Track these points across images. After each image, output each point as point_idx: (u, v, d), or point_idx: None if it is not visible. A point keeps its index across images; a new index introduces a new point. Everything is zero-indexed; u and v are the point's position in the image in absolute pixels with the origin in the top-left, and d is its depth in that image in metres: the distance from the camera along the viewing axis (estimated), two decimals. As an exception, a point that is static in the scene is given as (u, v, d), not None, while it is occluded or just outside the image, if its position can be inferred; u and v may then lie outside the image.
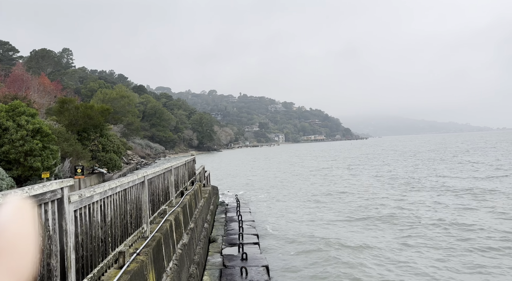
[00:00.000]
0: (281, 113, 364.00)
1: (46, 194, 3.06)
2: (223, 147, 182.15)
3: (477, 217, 17.14)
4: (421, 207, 20.19)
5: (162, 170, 8.59)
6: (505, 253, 12.08)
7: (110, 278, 4.54)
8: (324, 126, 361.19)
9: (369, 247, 13.36)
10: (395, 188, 28.03)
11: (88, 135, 26.13)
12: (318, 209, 21.32)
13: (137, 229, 6.23)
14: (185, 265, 8.65)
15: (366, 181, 33.27)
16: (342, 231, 15.89)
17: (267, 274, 10.56)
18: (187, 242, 9.50)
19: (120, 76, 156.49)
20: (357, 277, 10.85)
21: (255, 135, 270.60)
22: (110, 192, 4.75)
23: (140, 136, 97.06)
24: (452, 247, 13.03)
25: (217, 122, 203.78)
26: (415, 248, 13.03)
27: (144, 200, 6.64)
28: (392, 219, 17.49)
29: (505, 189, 24.65)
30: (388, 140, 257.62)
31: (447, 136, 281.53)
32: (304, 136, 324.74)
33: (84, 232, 3.95)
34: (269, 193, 29.16)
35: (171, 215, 8.55)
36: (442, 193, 24.59)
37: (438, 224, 16.13)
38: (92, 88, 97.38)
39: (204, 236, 13.31)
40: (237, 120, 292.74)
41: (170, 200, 9.69)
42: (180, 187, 11.84)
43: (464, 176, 33.06)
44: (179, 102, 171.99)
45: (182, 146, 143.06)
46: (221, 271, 10.88)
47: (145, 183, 6.71)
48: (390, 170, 42.12)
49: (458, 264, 11.36)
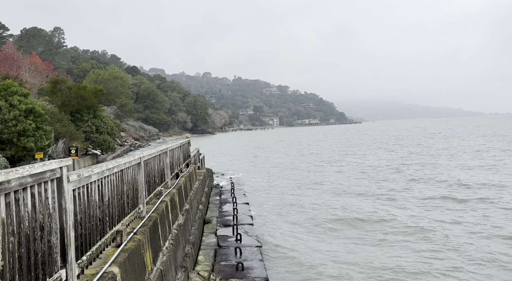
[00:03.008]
0: (276, 97, 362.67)
1: (46, 173, 3.10)
2: (217, 130, 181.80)
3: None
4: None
5: (157, 151, 8.63)
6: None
7: (108, 256, 4.64)
8: (318, 110, 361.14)
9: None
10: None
11: (82, 116, 25.92)
12: (312, 190, 21.64)
13: (134, 209, 6.31)
14: (181, 245, 8.81)
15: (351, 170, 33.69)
16: (323, 198, 16.21)
17: (260, 254, 10.80)
18: (183, 223, 9.64)
19: (112, 57, 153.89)
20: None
21: (250, 118, 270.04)
22: (107, 172, 4.79)
23: (134, 118, 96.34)
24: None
25: (211, 105, 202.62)
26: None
27: (140, 181, 6.70)
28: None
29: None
30: (381, 125, 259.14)
31: (438, 121, 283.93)
32: (299, 120, 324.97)
33: (83, 211, 4.01)
34: (263, 175, 29.41)
35: (166, 196, 8.65)
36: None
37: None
38: (85, 68, 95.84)
39: (199, 217, 13.49)
40: (232, 103, 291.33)
41: (165, 181, 9.77)
42: (175, 169, 11.92)
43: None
44: (173, 84, 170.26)
45: (176, 128, 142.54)
46: (215, 251, 11.10)
47: (141, 164, 6.76)
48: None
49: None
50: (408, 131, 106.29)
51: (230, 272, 9.50)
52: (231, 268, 9.71)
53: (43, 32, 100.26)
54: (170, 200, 8.78)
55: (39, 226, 3.04)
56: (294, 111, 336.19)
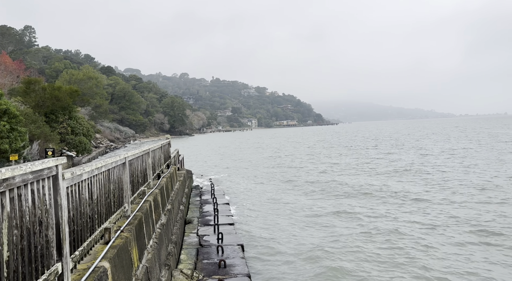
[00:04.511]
0: (254, 98, 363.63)
1: (44, 170, 3.26)
2: (195, 131, 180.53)
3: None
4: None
5: (141, 152, 8.75)
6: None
7: (97, 252, 4.79)
8: (296, 111, 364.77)
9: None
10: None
11: (56, 117, 25.29)
12: (288, 189, 22.11)
13: (120, 208, 6.45)
14: (164, 244, 8.95)
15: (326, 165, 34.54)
16: (302, 197, 16.70)
17: (242, 252, 11.05)
18: (165, 222, 9.77)
19: (86, 57, 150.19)
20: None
21: (228, 120, 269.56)
22: (96, 171, 4.94)
23: (109, 120, 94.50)
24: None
25: (189, 106, 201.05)
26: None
27: (125, 181, 6.84)
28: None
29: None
30: (357, 126, 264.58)
31: (411, 123, 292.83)
32: (277, 121, 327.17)
33: (75, 208, 4.16)
34: (243, 176, 29.67)
35: (150, 196, 8.77)
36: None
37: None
38: (57, 68, 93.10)
39: (180, 218, 13.59)
40: (210, 104, 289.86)
41: (148, 181, 9.88)
42: (156, 170, 12.01)
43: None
44: (150, 85, 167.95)
45: (153, 129, 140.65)
46: (197, 250, 11.27)
47: (126, 164, 6.89)
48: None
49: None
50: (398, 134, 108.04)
51: (213, 269, 9.71)
52: (214, 266, 9.91)
53: (13, 30, 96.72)
54: (153, 200, 8.91)
55: (38, 221, 3.20)
56: (273, 113, 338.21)
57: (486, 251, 11.02)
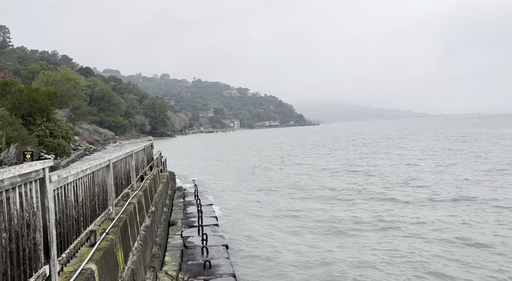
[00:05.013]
0: (236, 99, 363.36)
1: (32, 173, 3.27)
2: (177, 132, 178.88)
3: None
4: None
5: (124, 154, 8.71)
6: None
7: (83, 255, 4.78)
8: (278, 112, 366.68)
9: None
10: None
11: (34, 120, 24.62)
12: (270, 192, 22.32)
13: (104, 210, 6.43)
14: (149, 246, 8.93)
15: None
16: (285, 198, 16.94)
17: (227, 252, 11.11)
18: (149, 224, 9.74)
19: (64, 58, 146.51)
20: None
21: (210, 121, 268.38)
22: (81, 173, 4.93)
23: (88, 122, 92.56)
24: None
25: (170, 107, 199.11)
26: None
27: (109, 183, 6.81)
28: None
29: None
30: (337, 127, 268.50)
31: (390, 123, 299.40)
32: (259, 122, 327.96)
33: (61, 211, 4.16)
34: (226, 177, 29.67)
35: (134, 198, 8.74)
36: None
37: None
38: (34, 69, 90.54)
39: (164, 220, 13.54)
40: (192, 105, 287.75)
41: (131, 184, 9.83)
42: (140, 172, 11.93)
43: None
44: (130, 86, 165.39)
45: (134, 131, 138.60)
46: (182, 251, 11.25)
47: (110, 166, 6.87)
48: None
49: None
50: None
51: (198, 270, 9.74)
52: (199, 267, 9.94)
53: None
54: (137, 202, 8.88)
55: (26, 224, 3.21)
56: (255, 114, 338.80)
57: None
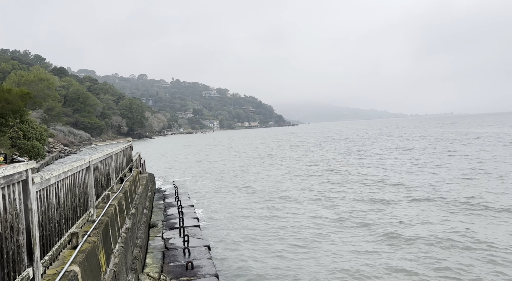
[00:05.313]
0: (216, 100, 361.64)
1: (15, 175, 3.25)
2: (155, 133, 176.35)
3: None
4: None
5: (104, 155, 8.61)
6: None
7: (65, 257, 4.74)
8: (258, 113, 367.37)
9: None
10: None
11: (7, 121, 23.71)
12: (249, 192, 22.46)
13: (85, 212, 6.36)
14: (130, 248, 8.85)
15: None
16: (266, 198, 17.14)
17: (209, 253, 11.13)
18: (130, 226, 9.65)
19: (36, 57, 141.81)
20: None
21: (189, 122, 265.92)
22: (63, 175, 4.89)
23: (62, 123, 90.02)
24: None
25: (148, 108, 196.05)
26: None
27: (90, 185, 6.74)
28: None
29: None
30: (317, 127, 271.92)
31: (367, 123, 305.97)
32: (239, 123, 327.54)
33: (43, 213, 4.12)
34: (207, 178, 29.57)
35: (114, 200, 8.65)
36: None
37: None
38: (4, 69, 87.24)
39: (145, 221, 13.40)
40: (170, 106, 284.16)
41: (111, 185, 9.71)
42: (119, 173, 11.79)
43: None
44: (106, 86, 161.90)
45: (110, 132, 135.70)
46: (163, 253, 11.18)
47: (90, 168, 6.79)
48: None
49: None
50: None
51: (180, 271, 9.72)
52: (181, 268, 9.92)
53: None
54: (118, 204, 8.79)
55: (9, 226, 3.18)
56: (234, 114, 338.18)
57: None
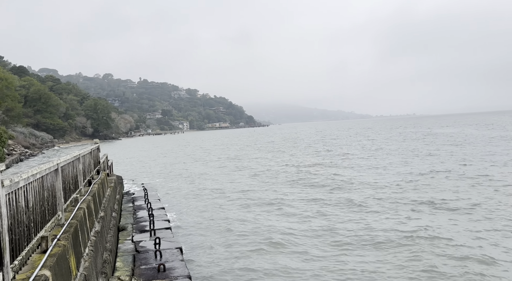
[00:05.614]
0: (185, 100, 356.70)
1: (-16, 177, 3.18)
2: (122, 135, 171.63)
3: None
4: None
5: (72, 157, 8.39)
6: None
7: (35, 261, 4.63)
8: (228, 114, 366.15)
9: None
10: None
11: (-39, 122, 22.28)
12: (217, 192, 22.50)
13: (54, 216, 6.20)
14: (100, 252, 8.67)
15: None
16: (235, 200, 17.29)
17: (181, 255, 11.09)
18: (100, 230, 9.45)
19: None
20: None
21: (158, 122, 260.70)
22: (31, 178, 4.77)
23: (23, 124, 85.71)
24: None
25: (114, 108, 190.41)
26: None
27: (58, 188, 6.57)
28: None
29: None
30: (287, 127, 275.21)
31: (334, 123, 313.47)
32: (209, 123, 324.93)
33: (13, 216, 4.02)
34: (177, 180, 29.23)
35: (83, 203, 8.45)
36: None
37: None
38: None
39: (114, 225, 13.11)
40: (138, 107, 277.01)
41: (79, 188, 9.47)
42: (87, 176, 11.49)
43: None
44: (69, 86, 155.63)
45: (74, 134, 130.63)
46: (134, 256, 11.01)
47: (58, 170, 6.63)
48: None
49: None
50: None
51: (152, 274, 9.63)
52: (152, 271, 9.82)
53: None
54: (87, 207, 8.59)
55: (-21, 230, 3.11)
56: (205, 115, 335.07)
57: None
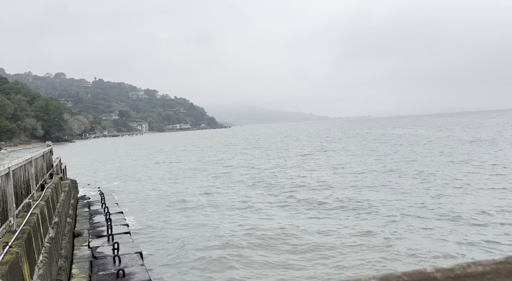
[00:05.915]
0: (144, 101, 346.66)
1: None
2: (76, 137, 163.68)
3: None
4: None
5: (23, 161, 7.99)
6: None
7: (-15, 271, 4.41)
8: (189, 115, 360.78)
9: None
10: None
11: None
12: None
13: (4, 222, 5.90)
14: (54, 259, 8.33)
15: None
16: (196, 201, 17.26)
17: (141, 259, 10.88)
18: (54, 236, 9.06)
19: None
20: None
21: (115, 124, 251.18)
22: (-19, 182, 4.54)
23: (-36, 126, 78.92)
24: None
25: (67, 109, 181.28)
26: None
27: (9, 192, 6.26)
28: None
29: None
30: (249, 129, 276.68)
31: (294, 125, 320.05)
32: (170, 125, 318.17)
33: (-39, 223, 3.83)
34: (134, 184, 28.45)
35: (36, 209, 8.08)
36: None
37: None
38: None
39: (68, 231, 12.57)
40: (93, 107, 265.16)
41: (32, 193, 9.03)
42: (40, 180, 10.95)
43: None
44: (18, 85, 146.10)
45: (23, 136, 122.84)
46: (91, 262, 10.65)
47: (9, 174, 6.31)
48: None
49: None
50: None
51: (111, 280, 9.38)
52: (111, 277, 9.56)
53: None
54: (40, 212, 8.21)
55: None
56: (165, 116, 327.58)
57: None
